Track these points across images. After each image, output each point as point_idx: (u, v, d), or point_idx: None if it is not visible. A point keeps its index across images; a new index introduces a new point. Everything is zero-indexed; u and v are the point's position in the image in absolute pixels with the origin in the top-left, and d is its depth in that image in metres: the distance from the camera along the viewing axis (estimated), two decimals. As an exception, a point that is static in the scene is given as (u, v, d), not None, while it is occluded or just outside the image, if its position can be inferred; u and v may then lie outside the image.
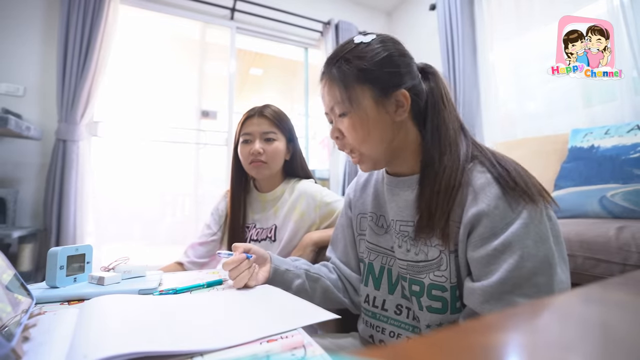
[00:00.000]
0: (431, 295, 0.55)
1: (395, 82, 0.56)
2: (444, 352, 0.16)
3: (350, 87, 0.56)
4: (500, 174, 0.50)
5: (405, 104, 0.56)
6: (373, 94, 0.56)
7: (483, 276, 0.48)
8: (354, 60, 0.56)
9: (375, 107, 0.56)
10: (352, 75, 0.56)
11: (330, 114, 0.62)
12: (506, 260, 0.45)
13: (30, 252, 1.79)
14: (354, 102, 0.56)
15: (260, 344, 0.37)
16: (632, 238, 0.97)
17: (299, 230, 0.97)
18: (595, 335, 0.19)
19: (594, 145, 1.31)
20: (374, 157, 0.60)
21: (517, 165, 0.53)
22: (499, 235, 0.47)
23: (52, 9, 2.07)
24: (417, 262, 0.57)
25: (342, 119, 0.58)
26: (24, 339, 0.39)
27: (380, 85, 0.56)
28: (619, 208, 1.14)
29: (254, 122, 0.98)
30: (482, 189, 0.50)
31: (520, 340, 0.18)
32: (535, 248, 0.45)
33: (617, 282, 0.27)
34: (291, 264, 0.71)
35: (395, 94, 0.56)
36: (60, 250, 0.61)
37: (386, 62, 0.56)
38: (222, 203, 1.10)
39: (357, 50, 0.57)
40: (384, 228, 0.66)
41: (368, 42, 0.57)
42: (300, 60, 3.14)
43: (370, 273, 0.68)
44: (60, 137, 1.94)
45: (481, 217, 0.48)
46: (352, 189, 0.78)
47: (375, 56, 0.56)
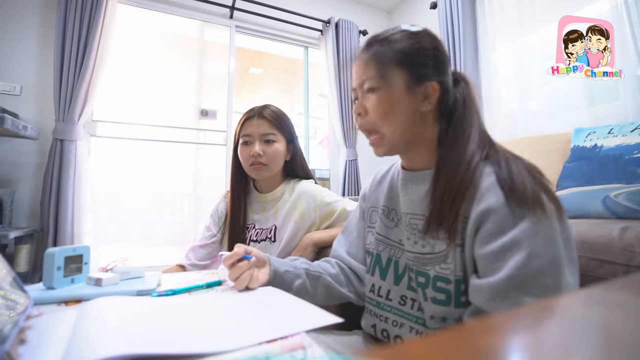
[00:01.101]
0: (436, 286, 0.56)
1: (429, 72, 0.58)
2: (445, 353, 0.16)
3: (387, 65, 0.58)
4: (507, 177, 0.50)
5: (433, 96, 0.58)
6: (406, 78, 0.58)
7: (489, 273, 0.48)
8: (398, 43, 0.58)
9: (406, 91, 0.58)
10: (391, 55, 0.58)
11: (358, 89, 0.62)
12: (513, 257, 0.45)
13: (27, 252, 1.77)
14: (387, 79, 0.58)
15: (259, 345, 0.36)
16: (636, 239, 0.97)
17: (299, 231, 0.96)
18: (598, 337, 0.19)
19: (597, 145, 1.31)
20: (391, 140, 0.60)
21: (531, 168, 0.53)
22: (507, 232, 0.47)
23: (50, 7, 2.06)
24: (424, 254, 0.58)
25: (370, 94, 0.59)
26: (20, 342, 0.38)
27: (415, 72, 0.58)
28: (622, 208, 1.14)
29: (254, 124, 0.98)
30: (491, 187, 0.51)
31: (522, 342, 0.18)
32: (543, 247, 0.45)
33: (620, 283, 0.27)
34: (290, 265, 0.71)
35: (426, 84, 0.58)
36: (58, 251, 0.60)
37: (427, 53, 0.58)
38: (222, 204, 1.09)
39: (402, 35, 0.59)
40: (395, 221, 0.67)
41: (414, 31, 0.60)
42: (300, 59, 3.13)
43: (377, 264, 0.69)
44: (57, 137, 1.92)
45: (489, 213, 0.49)
46: (369, 183, 0.80)
47: (418, 44, 0.58)
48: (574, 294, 0.25)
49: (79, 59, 1.97)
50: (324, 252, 0.94)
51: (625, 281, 0.27)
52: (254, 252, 0.67)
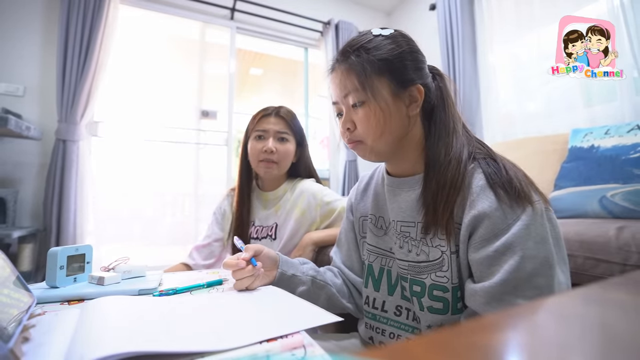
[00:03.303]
0: (432, 295, 0.54)
1: (412, 76, 0.57)
2: (443, 351, 0.16)
3: (369, 76, 0.55)
4: (496, 177, 0.50)
5: (419, 99, 0.57)
6: (391, 86, 0.56)
7: (484, 277, 0.48)
8: (374, 51, 0.56)
9: (392, 99, 0.56)
10: (372, 65, 0.55)
11: (342, 103, 0.60)
12: (507, 262, 0.46)
13: (30, 252, 1.79)
14: (372, 91, 0.55)
15: (260, 344, 0.37)
16: (632, 238, 0.97)
17: (300, 229, 0.97)
18: (595, 335, 0.19)
19: (594, 145, 1.31)
20: (381, 150, 0.59)
21: (513, 166, 0.53)
22: (500, 237, 0.47)
23: (52, 8, 2.07)
24: (419, 262, 0.57)
25: (357, 109, 0.57)
26: (24, 340, 0.38)
27: (398, 78, 0.56)
28: (619, 208, 1.14)
29: (271, 121, 0.99)
30: (482, 191, 0.50)
31: (519, 340, 0.18)
32: (535, 249, 0.45)
33: (617, 282, 0.27)
34: (299, 269, 0.69)
35: (410, 88, 0.57)
36: (60, 251, 0.61)
37: (406, 56, 0.57)
38: (225, 202, 1.10)
39: (377, 41, 0.57)
40: (383, 229, 0.66)
41: (387, 35, 0.57)
42: (300, 60, 3.14)
43: (370, 275, 0.67)
44: (60, 137, 1.94)
45: (482, 218, 0.49)
46: (353, 193, 0.78)
47: (395, 49, 0.56)
48: (570, 292, 0.25)
49: (81, 60, 1.98)
50: (324, 251, 0.95)
51: (621, 280, 0.27)
52: (265, 253, 0.65)
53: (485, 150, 0.57)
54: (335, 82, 0.60)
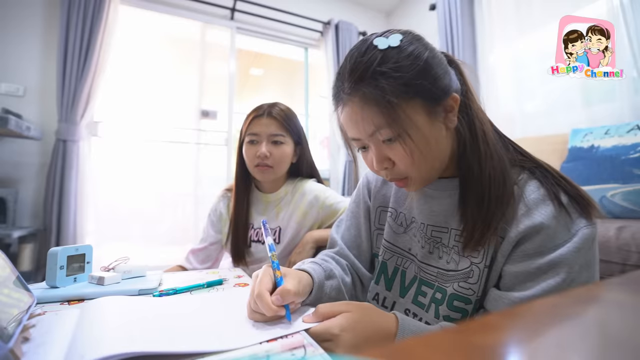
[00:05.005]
0: (452, 305, 0.51)
1: (443, 88, 0.48)
2: (443, 351, 0.16)
3: (396, 106, 0.45)
4: (556, 190, 0.46)
5: (455, 107, 0.49)
6: (424, 107, 0.47)
7: (515, 288, 0.45)
8: (393, 73, 0.45)
9: (429, 121, 0.47)
10: (396, 92, 0.45)
11: (369, 140, 0.50)
12: (546, 280, 0.43)
13: (30, 252, 1.79)
14: (404, 121, 0.45)
15: (260, 344, 0.37)
16: (631, 238, 0.98)
17: (302, 229, 0.96)
18: (595, 334, 0.19)
19: (593, 145, 1.31)
20: (432, 176, 0.53)
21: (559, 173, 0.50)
22: (546, 255, 0.44)
23: (52, 8, 2.07)
24: (447, 270, 0.53)
25: (392, 144, 0.48)
26: (24, 340, 0.38)
27: (429, 95, 0.47)
28: (618, 208, 1.14)
29: (262, 123, 0.93)
30: (537, 204, 0.46)
31: (519, 340, 0.18)
32: (579, 273, 0.43)
33: (617, 282, 0.27)
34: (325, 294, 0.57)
35: (444, 101, 0.48)
36: (61, 250, 0.61)
37: (429, 67, 0.46)
38: (221, 203, 1.06)
39: (389, 58, 0.46)
40: (403, 227, 0.62)
41: (397, 46, 0.46)
42: (300, 61, 3.14)
43: (382, 272, 0.63)
44: (60, 137, 1.94)
45: (533, 233, 0.45)
46: (373, 177, 0.70)
47: (416, 62, 0.46)
48: (570, 292, 0.25)
49: (81, 60, 1.98)
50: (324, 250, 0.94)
51: (621, 280, 0.27)
52: (293, 291, 0.45)
53: (530, 158, 0.53)
54: (352, 118, 0.49)
